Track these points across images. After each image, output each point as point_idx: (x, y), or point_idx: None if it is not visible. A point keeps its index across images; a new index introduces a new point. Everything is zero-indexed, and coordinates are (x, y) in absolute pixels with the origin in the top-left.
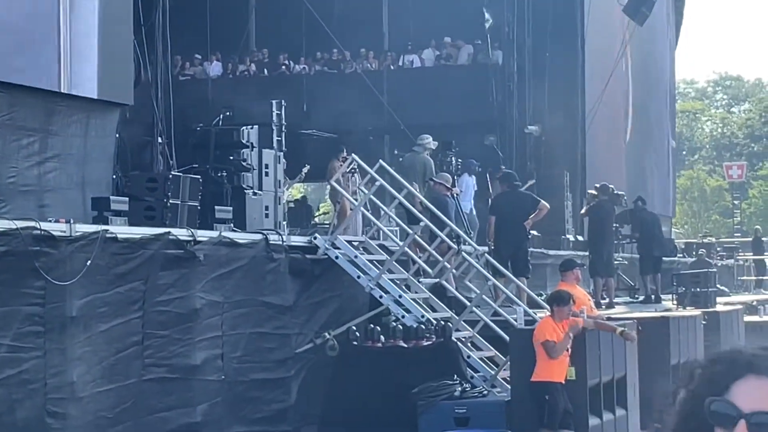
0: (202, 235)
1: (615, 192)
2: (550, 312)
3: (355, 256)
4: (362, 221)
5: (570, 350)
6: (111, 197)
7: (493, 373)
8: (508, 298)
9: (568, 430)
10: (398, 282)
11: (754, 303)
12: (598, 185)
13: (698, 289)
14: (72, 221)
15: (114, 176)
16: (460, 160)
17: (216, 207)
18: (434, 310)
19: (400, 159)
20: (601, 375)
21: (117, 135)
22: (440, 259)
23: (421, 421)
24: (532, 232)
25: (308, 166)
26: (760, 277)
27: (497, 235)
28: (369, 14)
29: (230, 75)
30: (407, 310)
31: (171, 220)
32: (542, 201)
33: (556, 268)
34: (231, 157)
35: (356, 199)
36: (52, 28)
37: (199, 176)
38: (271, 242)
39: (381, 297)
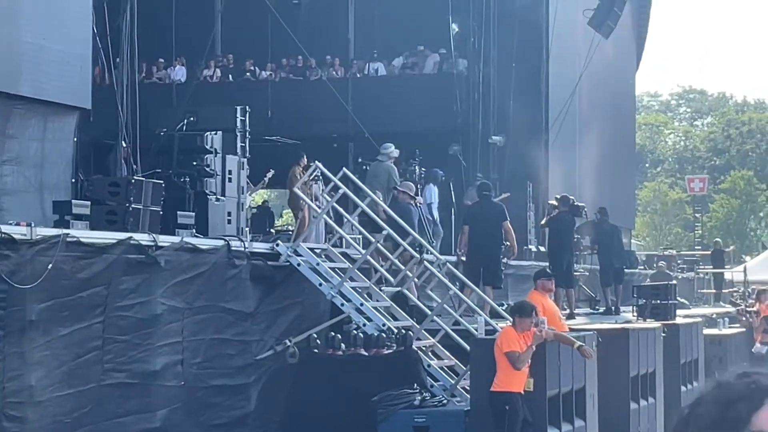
0: (164, 240)
1: (575, 203)
2: (512, 322)
3: (317, 264)
4: (324, 229)
5: (530, 361)
6: (72, 201)
7: (453, 382)
8: (469, 307)
9: None
10: (360, 290)
11: (714, 316)
12: (558, 196)
13: (658, 302)
14: (33, 224)
15: (74, 180)
16: (424, 169)
17: (178, 212)
18: (395, 319)
19: (365, 167)
20: (561, 386)
21: (75, 139)
22: (402, 267)
23: (380, 429)
24: (506, 242)
25: (272, 171)
26: (719, 291)
27: (470, 245)
28: (335, 22)
29: (195, 80)
30: (368, 319)
31: (133, 225)
32: (507, 219)
33: (518, 279)
34: (194, 163)
35: (319, 207)
36: (11, 30)
37: (161, 181)
38: (232, 248)
39: (342, 305)
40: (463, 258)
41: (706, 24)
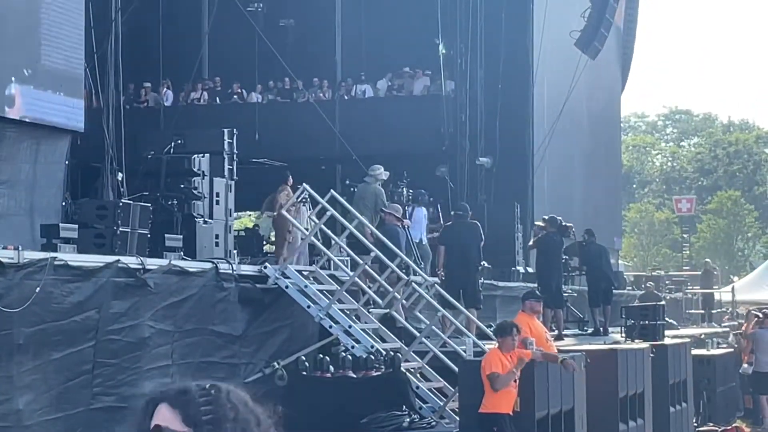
0: (152, 263)
1: (563, 224)
2: (498, 343)
3: (305, 286)
4: (309, 251)
5: (517, 381)
6: (60, 224)
7: (441, 404)
8: (457, 329)
9: None
10: (348, 312)
11: (702, 336)
12: (546, 217)
13: (647, 322)
14: (20, 248)
15: (63, 203)
16: (411, 190)
17: (166, 235)
18: (384, 341)
19: (352, 189)
20: (549, 407)
21: (66, 162)
22: (390, 289)
23: None
24: (483, 263)
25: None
26: (709, 311)
27: (447, 266)
28: (322, 44)
29: (182, 103)
30: (357, 341)
31: (120, 248)
32: (482, 240)
33: (506, 300)
34: (182, 185)
35: (307, 229)
36: (3, 52)
37: (149, 204)
38: (221, 271)
39: (331, 327)
40: (443, 278)
41: (691, 45)
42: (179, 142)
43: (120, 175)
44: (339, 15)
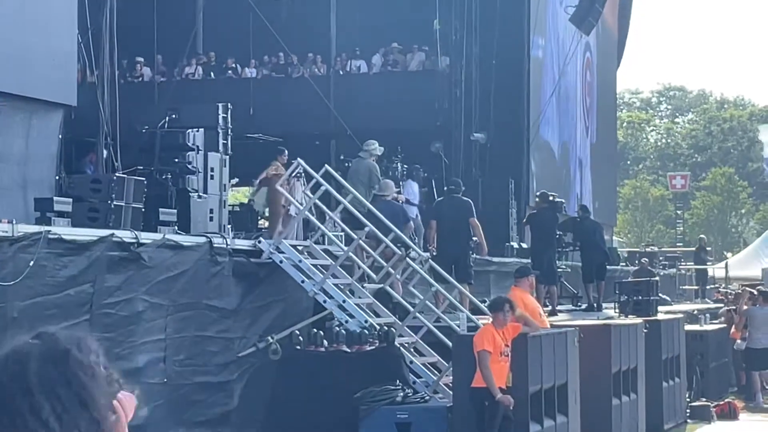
0: (146, 237)
1: (554, 200)
2: (492, 319)
3: (300, 261)
4: (303, 225)
5: (510, 356)
6: (54, 198)
7: (435, 378)
8: (451, 304)
9: None
10: (342, 287)
11: (695, 312)
12: (538, 193)
13: (640, 298)
14: (14, 221)
15: (57, 177)
16: (405, 166)
17: (160, 209)
18: (378, 316)
19: (347, 164)
20: (543, 382)
21: (60, 136)
22: (385, 264)
23: (362, 426)
24: (474, 238)
25: (236, 179)
26: (702, 287)
27: (439, 241)
28: (317, 19)
29: (177, 78)
30: (351, 315)
31: (114, 222)
32: (474, 215)
33: (500, 275)
34: (176, 160)
35: (301, 204)
36: None
37: (143, 178)
38: (215, 245)
39: (325, 302)
40: (434, 253)
41: (686, 21)
42: (173, 116)
43: (105, 152)
44: None
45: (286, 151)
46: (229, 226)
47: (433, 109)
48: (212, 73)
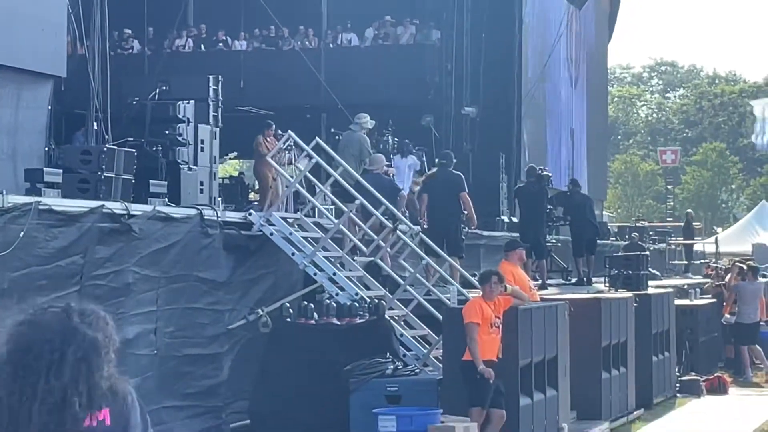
0: (136, 208)
1: (542, 173)
2: (481, 291)
3: (290, 233)
4: (293, 198)
5: (500, 328)
6: (44, 169)
7: (425, 351)
8: (441, 277)
9: (498, 409)
10: (333, 260)
11: (685, 287)
12: (526, 168)
13: (630, 272)
14: (4, 192)
15: (47, 148)
16: (396, 139)
17: (150, 181)
18: (368, 289)
19: (337, 137)
20: (533, 355)
21: (50, 107)
22: (375, 237)
23: (352, 398)
24: (465, 212)
25: (235, 153)
26: (690, 262)
27: (430, 214)
28: None
29: (167, 50)
30: (341, 288)
31: (105, 194)
32: (465, 189)
33: (490, 249)
34: (166, 132)
35: (292, 176)
36: None
37: (134, 150)
38: (205, 217)
39: (315, 274)
40: (425, 226)
41: None
42: (164, 88)
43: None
44: None
45: (274, 125)
46: (220, 199)
47: (424, 83)
48: (203, 46)
